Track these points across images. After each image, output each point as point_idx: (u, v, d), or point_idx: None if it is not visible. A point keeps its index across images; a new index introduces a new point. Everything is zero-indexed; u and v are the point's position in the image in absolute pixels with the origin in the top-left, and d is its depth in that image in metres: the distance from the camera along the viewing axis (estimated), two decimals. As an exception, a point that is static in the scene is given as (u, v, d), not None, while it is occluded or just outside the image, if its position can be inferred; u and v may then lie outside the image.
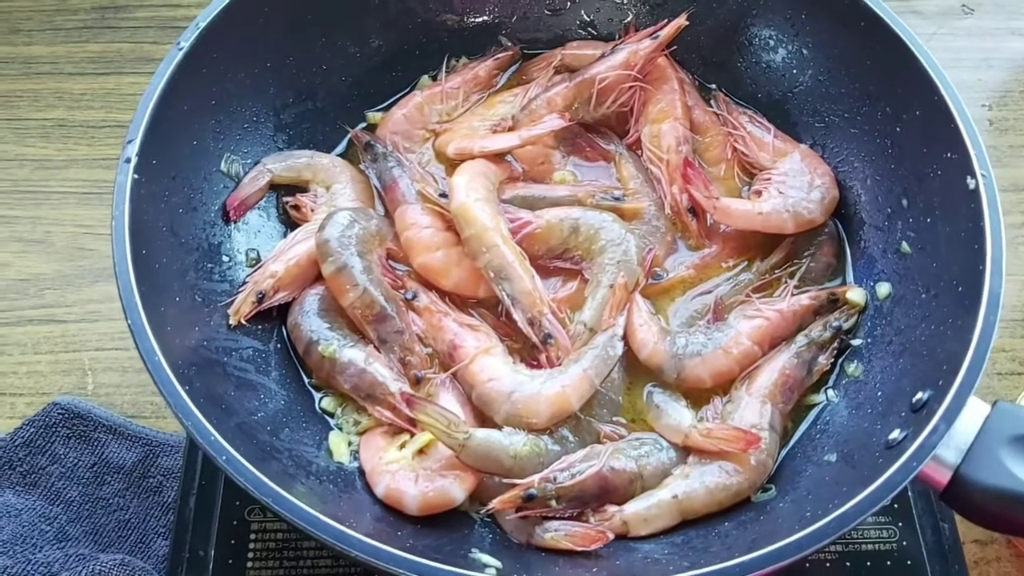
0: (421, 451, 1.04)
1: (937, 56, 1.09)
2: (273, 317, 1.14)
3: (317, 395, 1.12)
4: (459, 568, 0.84)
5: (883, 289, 1.14)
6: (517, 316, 1.10)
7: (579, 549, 0.98)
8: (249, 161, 1.21)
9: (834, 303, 1.14)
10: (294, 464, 1.00)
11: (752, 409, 1.06)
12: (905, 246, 1.12)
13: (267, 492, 0.86)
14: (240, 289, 1.13)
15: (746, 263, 1.21)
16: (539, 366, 1.10)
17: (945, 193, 1.06)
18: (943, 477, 0.91)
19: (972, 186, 1.01)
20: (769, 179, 1.21)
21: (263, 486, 0.86)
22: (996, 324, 0.93)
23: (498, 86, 1.36)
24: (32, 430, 1.19)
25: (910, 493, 1.12)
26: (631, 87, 1.24)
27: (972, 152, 1.02)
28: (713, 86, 1.34)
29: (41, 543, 1.12)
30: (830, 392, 1.12)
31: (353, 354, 1.08)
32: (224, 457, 0.87)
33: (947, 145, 1.05)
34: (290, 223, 1.23)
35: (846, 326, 1.13)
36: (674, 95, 1.25)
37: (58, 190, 1.42)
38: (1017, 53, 1.58)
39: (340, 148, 1.30)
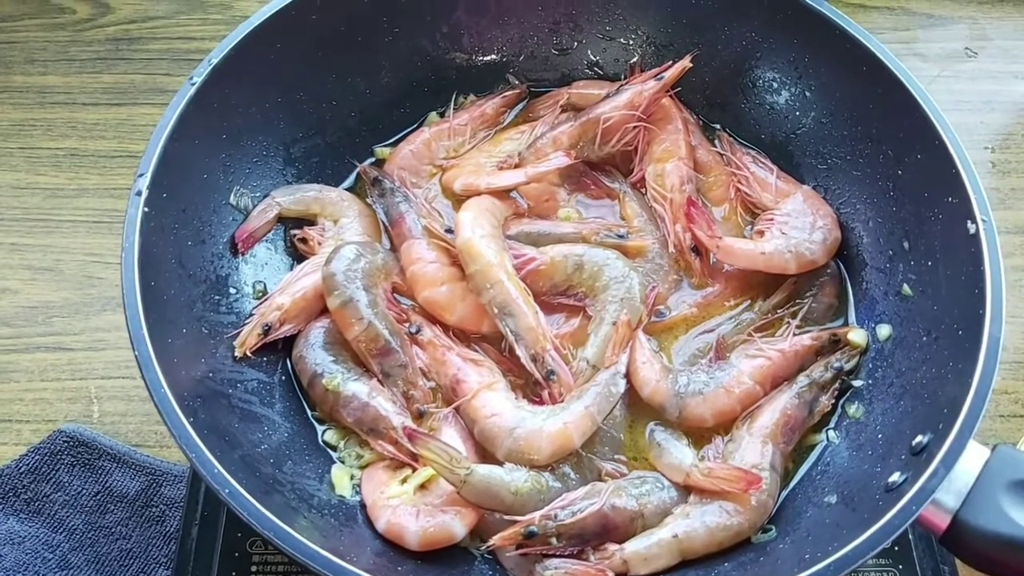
0: (423, 486, 1.04)
1: (940, 99, 1.11)
2: (278, 349, 1.15)
3: (320, 428, 1.13)
4: (459, 605, 0.84)
5: (884, 331, 1.14)
6: (520, 352, 1.11)
7: (579, 587, 0.98)
8: (258, 194, 1.23)
9: (836, 344, 1.15)
10: (296, 497, 1.00)
11: (753, 449, 1.06)
12: (906, 288, 1.13)
13: (269, 526, 0.86)
14: (246, 321, 1.14)
15: (748, 302, 1.22)
16: (541, 402, 1.10)
17: (946, 237, 1.07)
18: (942, 521, 0.91)
19: (972, 230, 1.02)
20: (772, 219, 1.23)
21: (265, 520, 0.87)
22: (996, 368, 0.94)
23: (505, 123, 1.37)
24: (37, 457, 1.20)
25: (911, 536, 1.11)
26: (635, 127, 1.26)
27: (972, 197, 1.03)
28: (717, 126, 1.35)
29: (44, 571, 1.12)
30: (831, 433, 1.12)
31: (357, 387, 1.09)
32: (227, 490, 0.88)
33: (948, 189, 1.06)
34: (297, 256, 1.24)
35: (847, 367, 1.13)
36: (678, 135, 1.26)
37: (69, 219, 1.43)
38: (1020, 96, 1.59)
39: (348, 182, 1.32)
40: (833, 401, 1.12)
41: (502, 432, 1.06)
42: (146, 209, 1.02)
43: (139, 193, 1.02)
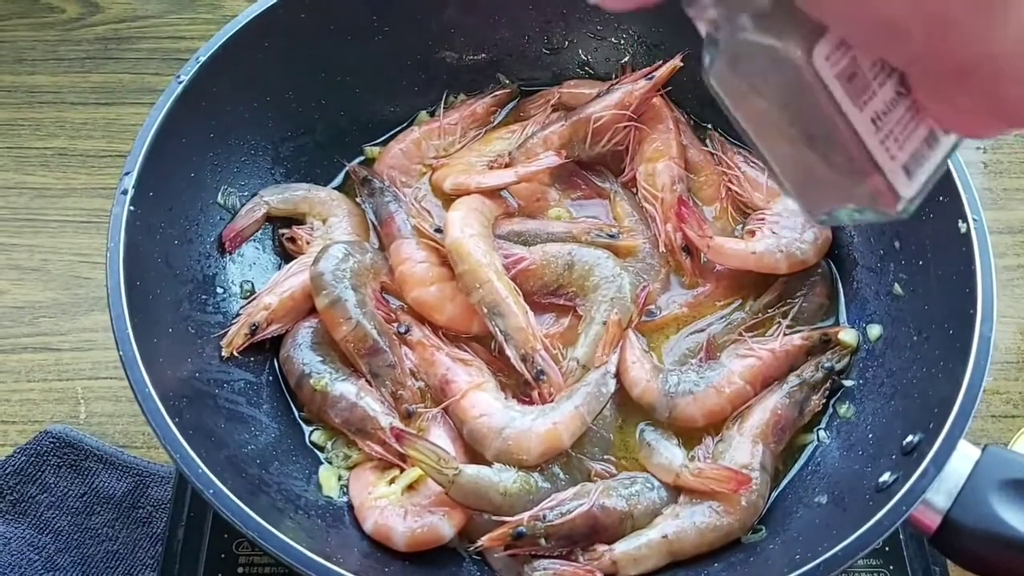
0: (411, 487, 1.03)
1: (932, 100, 1.10)
2: (266, 349, 1.14)
3: (308, 428, 1.12)
4: (446, 606, 0.84)
5: (875, 331, 1.14)
6: (510, 352, 1.10)
7: (568, 588, 0.97)
8: (246, 193, 1.22)
9: (826, 344, 1.14)
10: (283, 498, 0.99)
11: (743, 449, 1.06)
12: (898, 288, 1.13)
13: (253, 527, 0.86)
14: (234, 321, 1.13)
15: (739, 302, 1.21)
16: (531, 402, 1.10)
17: (937, 236, 1.06)
18: (933, 521, 0.90)
19: (963, 230, 1.01)
20: (763, 219, 1.22)
21: (249, 520, 0.86)
22: (986, 368, 0.93)
23: (495, 123, 1.37)
24: (23, 458, 1.18)
25: (901, 536, 1.11)
26: (626, 126, 1.25)
27: (963, 196, 1.02)
28: (709, 126, 1.34)
29: (29, 573, 1.11)
30: (822, 433, 1.12)
31: (345, 388, 1.08)
32: (212, 491, 0.87)
33: (939, 188, 1.04)
34: (285, 255, 1.23)
35: (838, 367, 1.12)
36: (669, 134, 1.26)
37: (56, 218, 1.42)
38: (1011, 97, 1.59)
39: (337, 181, 1.31)
40: (824, 401, 1.11)
41: (491, 432, 1.05)
42: (132, 208, 1.01)
43: (125, 192, 1.01)
